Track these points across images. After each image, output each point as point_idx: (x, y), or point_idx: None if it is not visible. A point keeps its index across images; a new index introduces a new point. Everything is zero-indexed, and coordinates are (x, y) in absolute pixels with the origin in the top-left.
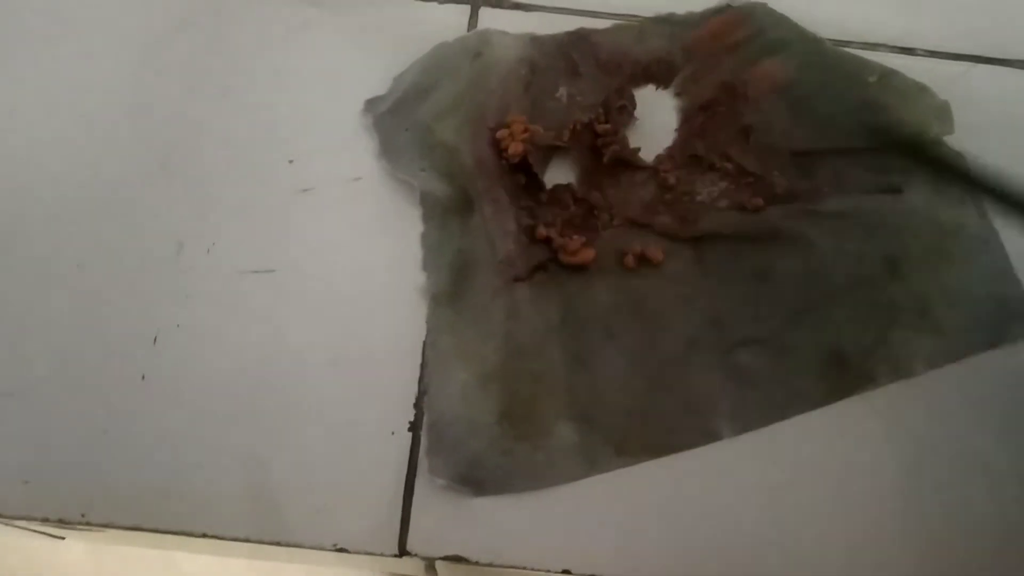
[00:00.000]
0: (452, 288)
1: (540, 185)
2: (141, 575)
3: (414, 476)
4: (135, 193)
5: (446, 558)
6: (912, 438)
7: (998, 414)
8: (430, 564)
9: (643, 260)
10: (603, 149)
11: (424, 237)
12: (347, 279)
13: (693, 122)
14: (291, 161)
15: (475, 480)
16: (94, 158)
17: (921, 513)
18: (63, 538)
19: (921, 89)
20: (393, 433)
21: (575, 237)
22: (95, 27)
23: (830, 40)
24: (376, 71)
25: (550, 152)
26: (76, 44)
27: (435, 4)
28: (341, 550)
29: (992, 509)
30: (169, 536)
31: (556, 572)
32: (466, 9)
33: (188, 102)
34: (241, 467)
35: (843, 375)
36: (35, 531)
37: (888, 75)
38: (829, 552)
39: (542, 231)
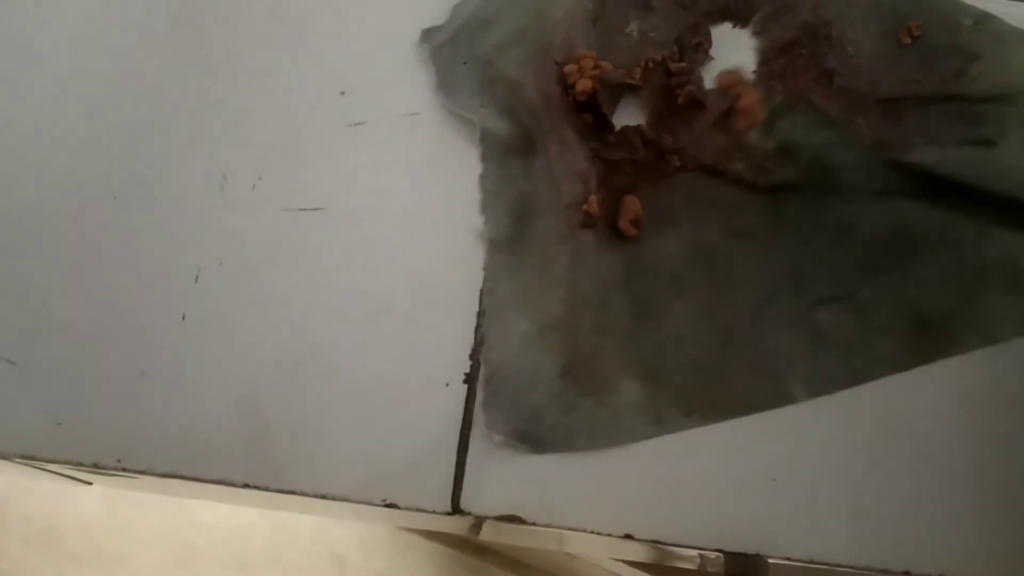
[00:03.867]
0: (512, 233)
1: (608, 126)
2: (156, 523)
3: (469, 431)
4: (174, 122)
5: (501, 518)
6: (1000, 408)
7: None
8: (476, 523)
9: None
10: (677, 89)
11: (483, 178)
12: (400, 220)
13: (772, 64)
14: (342, 93)
15: (534, 437)
16: (128, 83)
17: (1008, 486)
18: (91, 483)
19: (1019, 36)
20: (447, 385)
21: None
22: None
23: None
24: None
25: (619, 91)
26: None
27: None
28: (391, 506)
29: None
30: (205, 485)
31: (617, 536)
32: None
33: (231, 24)
34: (285, 417)
35: (926, 338)
36: (63, 475)
37: (984, 19)
38: (906, 521)
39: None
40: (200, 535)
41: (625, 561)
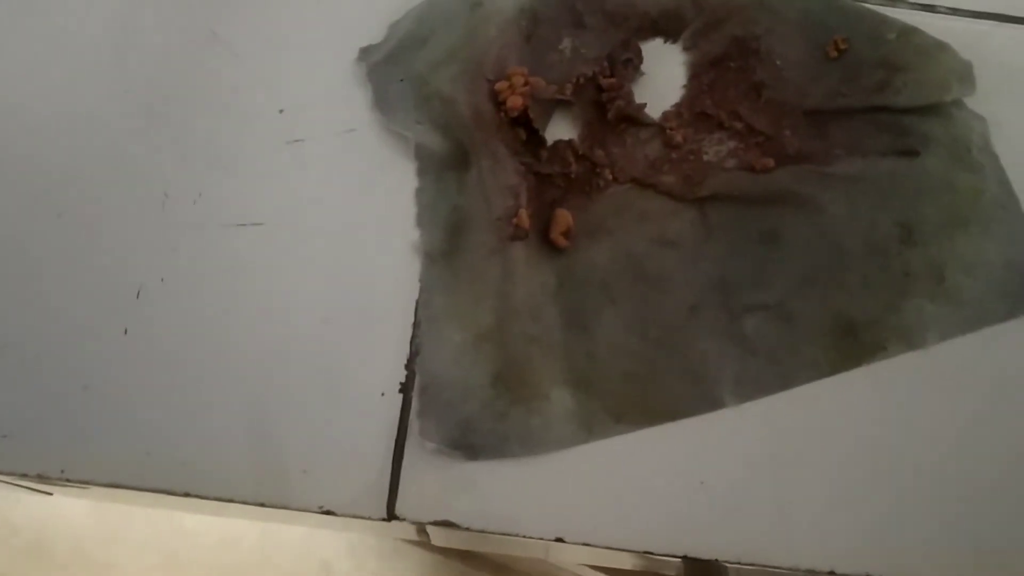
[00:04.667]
0: (447, 246)
1: (540, 141)
2: (144, 530)
3: (404, 439)
4: (117, 140)
5: (436, 523)
6: (922, 411)
7: (1013, 388)
8: (421, 527)
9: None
10: (607, 104)
11: (419, 192)
12: (338, 234)
13: (702, 78)
14: (281, 111)
15: (467, 444)
16: (74, 102)
17: (929, 486)
18: (51, 493)
19: (942, 48)
20: (383, 394)
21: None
22: None
23: None
24: (371, 18)
25: (551, 106)
26: None
27: None
28: (328, 512)
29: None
30: (150, 494)
31: (549, 540)
32: None
33: (174, 45)
34: (224, 425)
35: (852, 344)
36: (19, 486)
37: (908, 32)
38: (831, 522)
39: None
40: (188, 541)
41: (608, 569)
